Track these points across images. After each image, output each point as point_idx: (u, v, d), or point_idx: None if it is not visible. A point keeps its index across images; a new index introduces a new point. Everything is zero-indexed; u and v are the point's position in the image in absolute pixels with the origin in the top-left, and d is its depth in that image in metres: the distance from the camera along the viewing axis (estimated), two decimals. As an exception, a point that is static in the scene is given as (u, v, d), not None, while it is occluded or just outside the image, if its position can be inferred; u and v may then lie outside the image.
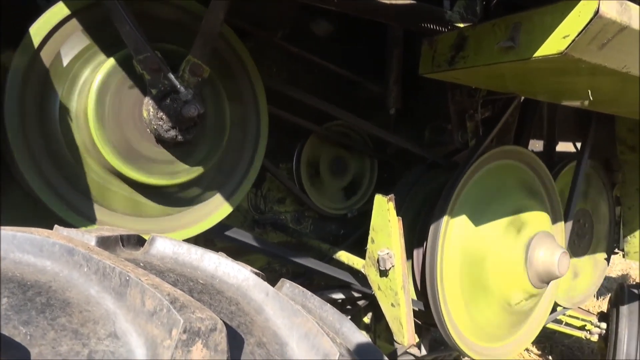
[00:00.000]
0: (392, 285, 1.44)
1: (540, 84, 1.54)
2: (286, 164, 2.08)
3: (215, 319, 0.71)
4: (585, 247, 3.04)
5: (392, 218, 1.38)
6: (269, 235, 2.04)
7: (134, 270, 0.76)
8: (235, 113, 1.37)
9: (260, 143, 1.44)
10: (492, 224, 1.83)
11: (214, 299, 0.86)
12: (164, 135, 1.13)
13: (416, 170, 2.07)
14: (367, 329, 2.41)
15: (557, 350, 4.62)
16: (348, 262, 1.67)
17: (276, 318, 0.90)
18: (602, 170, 3.15)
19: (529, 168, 2.08)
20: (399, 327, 1.47)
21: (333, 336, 0.93)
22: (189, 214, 1.32)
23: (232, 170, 1.40)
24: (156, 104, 1.11)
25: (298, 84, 1.90)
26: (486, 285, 1.85)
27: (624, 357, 3.27)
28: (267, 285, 0.93)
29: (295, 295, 1.09)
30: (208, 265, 0.94)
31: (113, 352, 0.68)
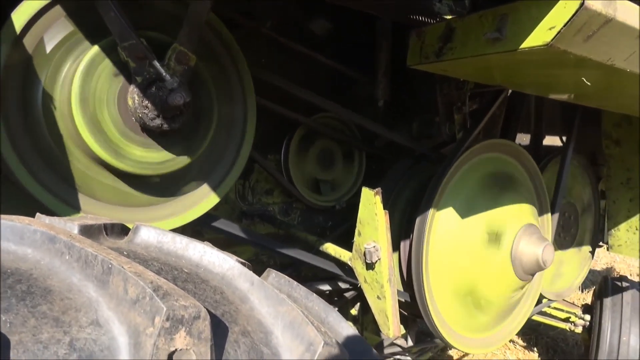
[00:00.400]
0: (378, 278, 1.44)
1: (527, 76, 1.55)
2: (274, 156, 2.08)
3: (199, 307, 0.71)
4: (570, 240, 3.08)
5: (378, 211, 1.38)
6: (257, 226, 2.04)
7: (117, 258, 0.76)
8: (222, 103, 1.36)
9: (247, 133, 1.43)
10: (478, 216, 1.85)
11: (199, 288, 0.86)
12: (149, 123, 1.12)
13: (404, 163, 2.08)
14: (354, 320, 2.43)
15: (542, 341, 4.68)
16: (335, 255, 1.67)
17: (261, 307, 0.90)
18: (587, 164, 3.19)
19: (516, 161, 2.10)
20: (385, 319, 1.48)
21: (318, 325, 0.93)
22: (175, 204, 1.32)
23: (219, 160, 1.39)
24: (141, 92, 1.09)
25: (287, 75, 1.89)
26: (472, 277, 1.86)
27: (607, 348, 3.33)
28: (252, 274, 0.93)
29: (281, 285, 1.10)
30: (193, 254, 0.93)
31: (95, 340, 0.68)
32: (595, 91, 1.78)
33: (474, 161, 1.88)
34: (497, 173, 1.99)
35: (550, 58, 1.17)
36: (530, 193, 2.16)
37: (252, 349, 0.83)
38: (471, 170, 1.88)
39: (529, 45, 1.04)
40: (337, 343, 0.91)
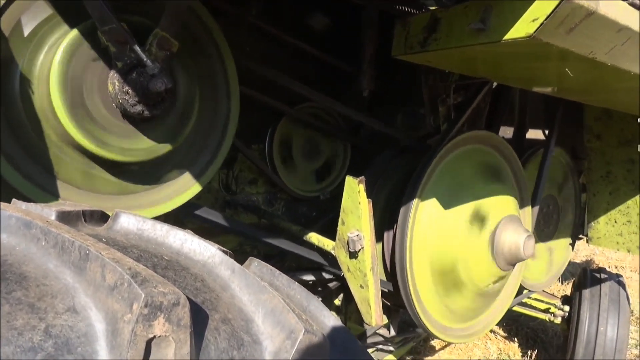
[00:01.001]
0: (361, 267, 1.45)
1: (511, 69, 1.56)
2: (258, 145, 2.06)
3: (178, 294, 0.71)
4: (551, 232, 3.12)
5: (362, 200, 1.38)
6: (240, 216, 2.03)
7: (95, 244, 0.75)
8: (205, 90, 1.34)
9: (230, 121, 1.42)
10: (461, 207, 1.86)
11: (179, 275, 0.85)
12: (130, 110, 1.10)
13: (389, 154, 2.08)
14: (337, 310, 2.44)
15: (522, 332, 4.77)
16: (318, 244, 1.68)
17: (242, 295, 0.89)
18: (569, 157, 3.23)
19: (499, 153, 2.12)
20: (367, 308, 1.49)
21: (299, 313, 0.93)
22: (157, 193, 1.30)
23: (202, 148, 1.38)
24: (122, 77, 1.08)
25: (271, 64, 1.87)
26: (454, 267, 1.88)
27: (585, 338, 3.40)
28: (233, 262, 0.92)
29: (263, 273, 1.09)
30: (174, 242, 0.92)
31: (71, 326, 0.67)
32: (577, 85, 1.80)
33: (457, 153, 1.90)
34: (480, 165, 2.01)
35: (533, 50, 1.18)
36: (512, 185, 2.18)
37: (232, 337, 0.83)
38: (454, 161, 1.89)
39: (512, 37, 1.05)
40: (318, 330, 0.92)
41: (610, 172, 3.02)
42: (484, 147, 2.03)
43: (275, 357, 0.84)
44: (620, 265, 6.87)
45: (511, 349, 4.46)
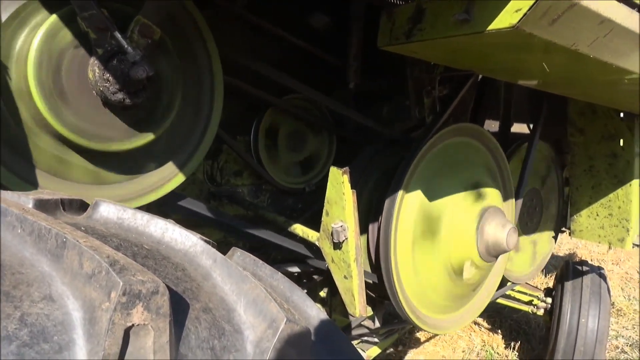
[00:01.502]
0: (345, 257, 1.45)
1: (496, 61, 1.56)
2: (244, 137, 2.05)
3: (158, 282, 0.70)
4: (534, 225, 3.16)
5: (346, 191, 1.38)
6: (225, 208, 2.02)
7: (73, 232, 0.73)
8: (188, 80, 1.32)
9: (214, 112, 1.40)
10: (445, 199, 1.87)
11: (159, 264, 0.84)
12: (110, 98, 1.09)
13: (375, 146, 2.08)
14: (322, 302, 2.44)
15: (506, 324, 4.83)
16: (303, 235, 1.67)
17: (224, 284, 0.89)
18: (553, 151, 3.27)
19: (484, 146, 2.13)
20: (351, 299, 1.49)
21: (281, 302, 0.93)
22: (139, 183, 1.29)
23: (185, 138, 1.36)
24: (102, 64, 1.06)
25: (257, 55, 1.86)
26: (438, 258, 1.89)
27: (567, 329, 3.45)
28: (215, 251, 0.91)
29: (246, 263, 1.09)
30: (154, 231, 0.91)
31: (48, 315, 0.66)
32: (561, 78, 1.82)
33: (442, 145, 1.90)
34: (465, 157, 2.02)
35: (517, 41, 1.18)
36: (497, 178, 2.20)
37: (213, 326, 0.83)
38: (439, 154, 1.90)
39: (496, 27, 1.05)
40: (300, 320, 0.92)
41: (592, 166, 3.06)
42: (469, 140, 2.04)
43: (257, 347, 0.84)
44: (602, 258, 6.98)
45: (495, 340, 4.52)
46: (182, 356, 0.76)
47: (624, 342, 4.48)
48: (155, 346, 0.69)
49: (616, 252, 7.22)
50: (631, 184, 2.90)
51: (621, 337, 4.59)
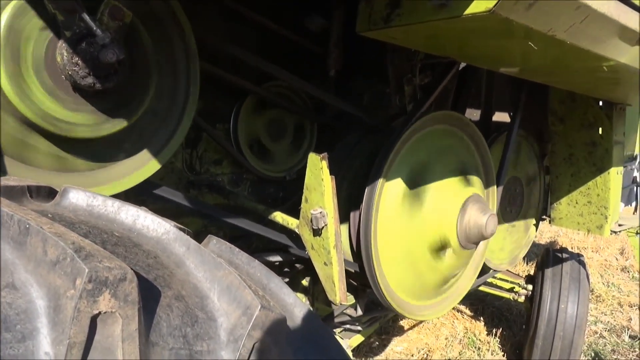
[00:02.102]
0: (325, 244, 1.44)
1: (475, 47, 1.56)
2: (224, 125, 2.03)
3: (125, 269, 0.68)
4: (515, 213, 3.19)
5: (325, 177, 1.37)
6: (205, 197, 2.00)
7: (37, 218, 0.71)
8: (162, 65, 1.29)
9: (190, 99, 1.38)
10: (426, 187, 1.87)
11: (130, 252, 0.82)
12: (80, 82, 1.05)
13: (356, 134, 2.07)
14: (305, 291, 2.44)
15: (488, 311, 4.90)
16: (283, 223, 1.66)
17: (197, 271, 0.88)
18: (534, 140, 3.30)
19: (465, 134, 2.13)
20: (332, 285, 1.49)
21: (256, 289, 0.92)
22: (113, 170, 1.26)
23: (161, 125, 1.33)
24: (71, 47, 1.03)
25: (236, 41, 1.83)
26: (419, 245, 1.90)
27: (547, 315, 3.51)
28: (188, 238, 0.90)
29: (222, 251, 1.08)
30: (126, 218, 0.89)
31: (10, 303, 0.64)
32: (542, 66, 1.82)
33: (423, 133, 1.90)
34: (446, 145, 2.02)
35: (495, 26, 1.18)
36: (477, 165, 2.21)
37: (185, 313, 0.81)
38: (420, 141, 1.89)
39: (472, 12, 1.04)
40: (276, 307, 0.91)
41: (572, 155, 3.10)
42: (449, 128, 2.04)
43: (230, 334, 0.83)
44: (583, 246, 7.11)
45: (477, 327, 4.59)
46: (153, 344, 0.74)
47: (602, 327, 4.58)
48: (123, 334, 0.68)
49: (596, 239, 7.35)
50: (609, 172, 2.94)
51: (600, 322, 4.69)
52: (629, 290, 5.46)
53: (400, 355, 4.03)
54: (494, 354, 4.10)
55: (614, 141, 2.94)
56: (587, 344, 4.24)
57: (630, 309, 4.96)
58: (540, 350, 3.54)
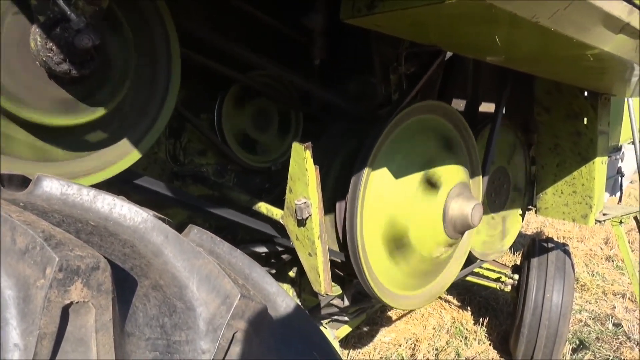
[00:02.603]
0: (309, 234, 1.43)
1: (460, 34, 1.54)
2: (208, 115, 2.00)
3: (98, 257, 0.66)
4: (502, 203, 3.21)
5: (309, 166, 1.36)
6: (189, 188, 1.97)
7: (6, 207, 0.69)
8: (142, 52, 1.26)
9: (171, 85, 1.35)
10: (412, 176, 1.87)
11: (105, 241, 0.80)
12: (55, 69, 1.03)
13: (342, 124, 2.06)
14: (292, 282, 2.43)
15: (475, 301, 4.94)
16: (268, 214, 1.65)
17: (176, 261, 0.86)
18: (520, 131, 3.31)
19: (451, 123, 2.13)
20: (316, 276, 1.48)
21: (235, 278, 0.90)
22: (92, 160, 1.23)
23: (140, 114, 1.30)
24: (44, 32, 1.00)
25: (219, 29, 1.80)
26: (405, 235, 1.90)
27: (532, 304, 3.55)
28: (166, 227, 0.88)
29: (203, 240, 1.06)
30: (102, 207, 0.87)
31: (-23, 294, 0.62)
32: (528, 54, 1.82)
33: (409, 122, 1.89)
34: (432, 135, 2.01)
35: (479, 13, 1.17)
36: (463, 155, 2.21)
37: (163, 303, 0.80)
38: (406, 131, 1.88)
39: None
40: (256, 296, 0.90)
41: (558, 145, 3.11)
42: (435, 117, 2.04)
43: (210, 323, 0.81)
44: (568, 236, 7.19)
45: (464, 317, 4.62)
46: (129, 334, 0.73)
47: (587, 315, 4.64)
48: (97, 324, 0.66)
49: (581, 229, 7.44)
50: (594, 161, 2.97)
51: (585, 311, 4.76)
52: (613, 279, 5.54)
53: (388, 346, 4.06)
54: (480, 343, 4.14)
55: (599, 131, 2.96)
56: (572, 332, 4.29)
57: (614, 298, 5.04)
58: (526, 338, 3.58)
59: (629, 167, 4.81)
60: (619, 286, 5.31)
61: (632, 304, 4.82)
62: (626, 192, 9.16)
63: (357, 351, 3.92)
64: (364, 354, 3.88)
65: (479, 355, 3.94)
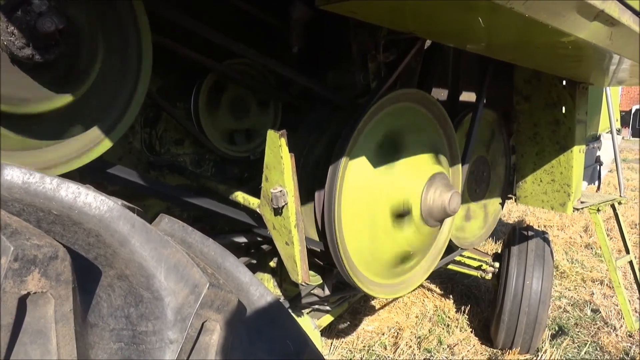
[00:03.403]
0: (286, 223, 1.42)
1: (437, 22, 1.53)
2: (184, 103, 1.97)
3: (57, 247, 0.65)
4: (482, 192, 3.23)
5: (284, 154, 1.34)
6: (166, 178, 1.94)
7: (-41, 196, 0.66)
8: (110, 35, 1.23)
9: (142, 72, 1.31)
10: (390, 165, 1.86)
11: (68, 230, 0.78)
12: (17, 53, 0.99)
13: (320, 113, 2.04)
14: (273, 272, 2.42)
15: (457, 289, 5.00)
16: (244, 203, 1.63)
17: (143, 250, 0.84)
18: (500, 120, 3.33)
19: (429, 112, 2.13)
20: (294, 265, 1.47)
21: (204, 267, 0.89)
22: (61, 149, 1.20)
23: (110, 102, 1.27)
24: (5, 16, 0.96)
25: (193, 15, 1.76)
26: (384, 224, 1.90)
27: (513, 291, 3.59)
28: (133, 216, 0.86)
29: (174, 230, 1.04)
30: (65, 195, 0.85)
31: None
32: (506, 42, 1.82)
33: (387, 111, 1.88)
34: (410, 123, 2.01)
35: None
36: (442, 144, 2.21)
37: (129, 293, 0.78)
38: (384, 119, 1.87)
39: (429, -19, 1.02)
40: (225, 285, 0.88)
41: (537, 134, 3.14)
42: (414, 106, 2.03)
43: (178, 313, 0.80)
44: (549, 224, 7.30)
45: (447, 305, 4.67)
46: (92, 325, 0.71)
47: (566, 302, 4.73)
48: (56, 315, 0.64)
49: (562, 218, 7.56)
50: (572, 150, 3.00)
51: (564, 297, 4.84)
52: (591, 266, 5.65)
53: (371, 334, 4.08)
54: (462, 330, 4.19)
55: (577, 120, 2.99)
56: (551, 318, 4.37)
57: (593, 284, 5.14)
58: (506, 325, 3.63)
59: (608, 156, 4.89)
60: (598, 273, 5.41)
61: (610, 290, 4.92)
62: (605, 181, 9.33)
63: (340, 340, 3.94)
64: (347, 343, 3.90)
65: (461, 342, 3.99)
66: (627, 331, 4.06)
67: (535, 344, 3.65)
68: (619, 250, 5.42)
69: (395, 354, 3.74)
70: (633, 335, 4.03)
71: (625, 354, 3.78)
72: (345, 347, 3.83)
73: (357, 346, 3.85)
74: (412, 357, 3.72)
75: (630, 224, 7.27)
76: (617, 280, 3.44)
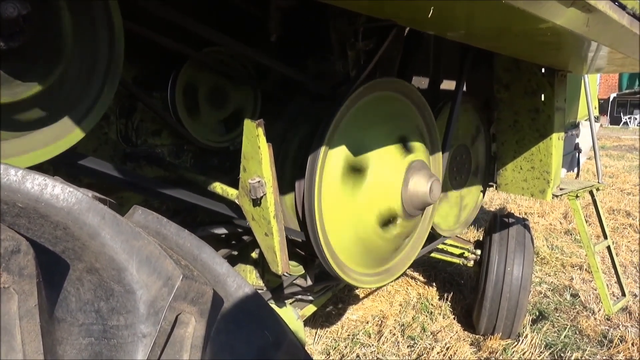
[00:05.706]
0: (265, 214, 1.40)
1: (414, 8, 1.52)
2: (161, 93, 1.93)
3: (19, 240, 0.62)
4: (463, 180, 3.25)
5: (262, 144, 1.32)
6: (144, 170, 1.91)
7: None
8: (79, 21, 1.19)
9: (114, 60, 1.28)
10: (370, 154, 1.86)
11: (34, 223, 0.76)
12: (-21, 41, 0.95)
13: (300, 102, 2.02)
14: (254, 263, 2.41)
15: (440, 277, 5.05)
16: (223, 194, 1.61)
17: (114, 243, 0.82)
18: (481, 108, 3.35)
19: (409, 100, 2.12)
20: (273, 256, 1.46)
21: (178, 259, 0.87)
22: (29, 140, 1.16)
23: (81, 91, 1.23)
24: (-36, 1, 0.92)
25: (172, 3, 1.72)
26: (365, 213, 1.89)
27: (494, 278, 3.64)
28: (104, 208, 0.84)
29: (148, 222, 1.01)
30: (31, 187, 0.82)
31: None
32: (486, 30, 1.82)
33: (367, 99, 1.87)
34: (389, 111, 2.00)
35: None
36: (422, 132, 2.21)
37: (99, 287, 0.76)
38: (364, 108, 1.86)
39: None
40: (200, 276, 0.87)
41: (517, 121, 3.16)
42: (394, 94, 2.02)
43: (151, 306, 0.78)
44: (530, 211, 7.40)
45: (430, 293, 4.72)
46: (60, 320, 0.69)
47: (546, 287, 4.81)
48: (20, 311, 0.62)
49: (542, 205, 7.67)
50: (551, 137, 3.03)
51: (544, 283, 4.92)
52: (571, 252, 5.75)
53: (355, 323, 4.11)
54: (445, 317, 4.24)
55: (556, 108, 3.01)
56: (531, 303, 4.44)
57: (572, 270, 5.23)
58: (488, 311, 3.68)
59: (586, 143, 4.96)
60: (577, 258, 5.51)
61: (589, 275, 5.02)
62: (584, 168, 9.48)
63: (325, 330, 3.95)
64: (331, 332, 3.91)
65: (444, 329, 4.04)
66: (605, 315, 4.15)
67: (517, 329, 3.71)
68: (597, 235, 5.52)
69: (380, 342, 3.76)
70: (611, 319, 4.13)
71: (603, 336, 3.87)
72: (330, 336, 3.84)
73: (342, 335, 3.87)
74: (396, 345, 3.75)
75: (608, 210, 7.41)
76: (595, 265, 3.50)
